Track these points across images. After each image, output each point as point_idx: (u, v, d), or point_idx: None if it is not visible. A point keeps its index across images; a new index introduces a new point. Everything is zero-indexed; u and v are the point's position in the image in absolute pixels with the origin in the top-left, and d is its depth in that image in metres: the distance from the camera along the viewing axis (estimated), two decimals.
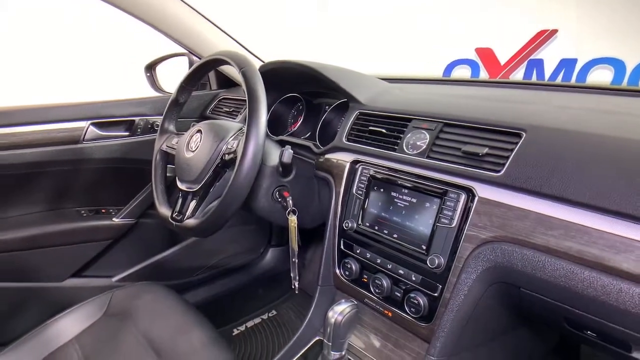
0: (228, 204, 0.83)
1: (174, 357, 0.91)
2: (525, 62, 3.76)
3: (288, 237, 0.97)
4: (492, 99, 0.90)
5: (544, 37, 3.59)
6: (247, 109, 0.83)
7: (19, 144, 1.21)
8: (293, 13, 3.40)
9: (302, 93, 1.23)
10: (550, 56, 3.62)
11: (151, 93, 1.47)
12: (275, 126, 1.25)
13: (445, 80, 1.16)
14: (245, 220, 1.57)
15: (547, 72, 3.68)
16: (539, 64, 3.73)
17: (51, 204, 1.35)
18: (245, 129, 0.82)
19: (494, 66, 3.81)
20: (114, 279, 1.37)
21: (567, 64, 3.66)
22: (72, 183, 1.35)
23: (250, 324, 1.55)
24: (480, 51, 3.78)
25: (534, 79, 3.56)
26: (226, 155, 0.89)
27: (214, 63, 1.00)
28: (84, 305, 1.08)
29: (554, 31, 3.55)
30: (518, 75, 3.76)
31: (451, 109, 0.80)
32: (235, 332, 1.51)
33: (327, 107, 1.15)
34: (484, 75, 3.48)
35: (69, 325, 1.04)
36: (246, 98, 0.83)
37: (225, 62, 0.92)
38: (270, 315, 1.60)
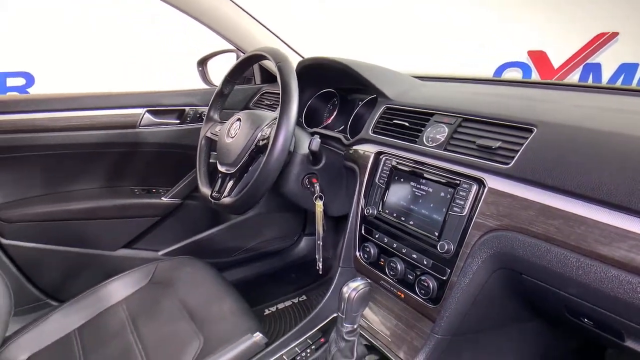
0: (259, 185, 0.92)
1: (207, 321, 1.01)
2: (581, 66, 3.62)
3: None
4: (511, 96, 0.93)
5: (602, 40, 3.45)
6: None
7: (85, 126, 1.37)
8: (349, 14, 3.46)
9: (338, 89, 1.30)
10: (609, 60, 3.47)
11: (201, 85, 1.61)
12: (311, 119, 1.33)
13: (478, 80, 1.19)
14: (281, 208, 1.66)
15: (605, 77, 3.53)
16: (596, 68, 3.58)
17: (109, 181, 1.51)
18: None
19: (547, 69, 3.69)
20: (160, 252, 1.51)
21: (627, 69, 3.49)
22: (127, 164, 1.50)
23: (281, 305, 1.64)
24: (533, 54, 3.68)
25: (589, 83, 3.42)
26: (260, 142, 0.98)
27: (255, 58, 1.09)
28: (132, 273, 1.21)
29: (614, 34, 3.39)
30: (573, 79, 3.62)
31: (471, 105, 0.85)
32: (267, 312, 1.61)
33: (359, 102, 1.21)
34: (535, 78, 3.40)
35: (118, 289, 1.18)
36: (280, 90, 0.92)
37: (264, 57, 1.01)
38: (300, 299, 1.68)
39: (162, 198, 1.52)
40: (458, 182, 0.78)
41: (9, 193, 1.37)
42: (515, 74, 3.67)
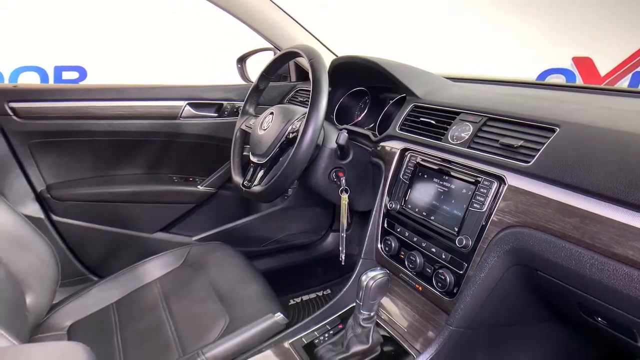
0: (286, 175, 0.97)
1: (233, 303, 1.07)
2: (630, 75, 3.48)
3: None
4: (538, 97, 0.94)
5: None
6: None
7: (131, 115, 1.47)
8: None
9: (370, 87, 1.33)
10: None
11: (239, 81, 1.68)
12: (343, 116, 1.37)
13: (507, 82, 1.19)
14: (311, 203, 1.71)
15: None
16: None
17: (150, 168, 1.61)
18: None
19: (593, 77, 3.56)
20: (193, 238, 1.59)
21: None
22: (167, 152, 1.59)
23: (305, 297, 1.69)
24: (578, 60, 3.56)
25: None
26: (290, 134, 1.03)
27: (290, 55, 1.14)
28: (167, 255, 1.29)
29: None
30: None
31: (496, 105, 0.86)
32: (291, 302, 1.66)
33: (390, 101, 1.24)
34: None
35: (154, 269, 1.26)
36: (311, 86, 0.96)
37: (298, 55, 1.06)
38: (324, 293, 1.72)
39: (198, 186, 1.60)
40: (479, 179, 0.79)
41: (62, 174, 1.49)
42: (558, 81, 3.57)
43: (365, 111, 1.33)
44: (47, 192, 1.46)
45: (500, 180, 0.76)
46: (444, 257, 0.84)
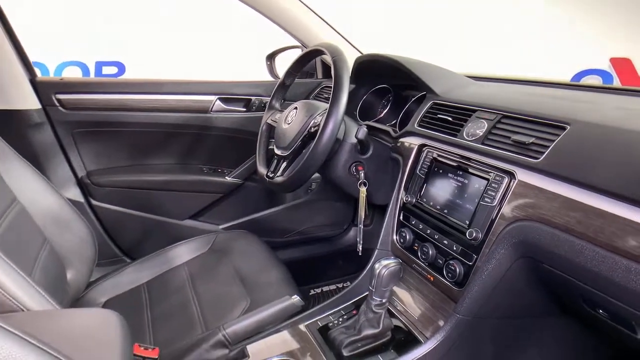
0: (307, 167, 1.02)
1: (254, 286, 1.13)
2: None
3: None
4: (553, 96, 0.95)
5: None
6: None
7: (165, 108, 1.56)
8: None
9: (393, 85, 1.37)
10: None
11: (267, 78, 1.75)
12: (366, 112, 1.41)
13: (528, 81, 1.20)
14: (334, 197, 1.76)
15: None
16: None
17: (181, 158, 1.70)
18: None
19: (632, 78, 3.44)
20: (220, 226, 1.67)
21: None
22: (198, 144, 1.68)
23: (326, 288, 1.74)
24: (616, 61, 3.45)
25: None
26: (312, 128, 1.08)
27: (315, 53, 1.19)
28: (195, 240, 1.37)
29: None
30: None
31: (511, 103, 0.88)
32: (312, 292, 1.72)
33: (411, 98, 1.27)
34: None
35: (182, 253, 1.34)
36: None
37: (322, 52, 1.11)
38: (344, 285, 1.77)
39: (226, 177, 1.68)
40: (491, 174, 0.82)
41: (101, 161, 1.60)
42: (591, 82, 3.47)
43: (388, 108, 1.37)
44: (87, 178, 1.56)
45: (511, 175, 0.78)
46: (454, 248, 0.87)
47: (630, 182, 0.60)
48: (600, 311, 0.68)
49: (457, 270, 0.85)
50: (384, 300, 0.89)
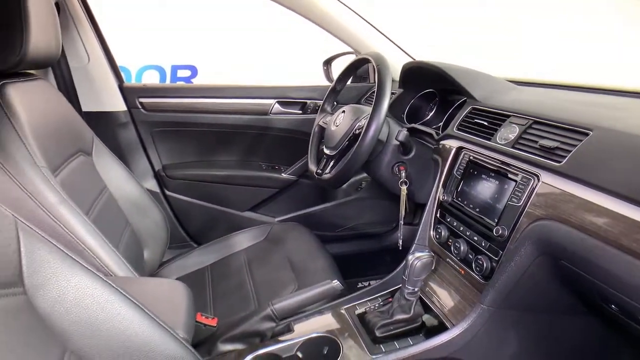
0: (350, 166, 1.13)
1: (303, 272, 1.26)
2: None
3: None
4: (583, 102, 0.98)
5: None
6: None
7: (229, 111, 1.74)
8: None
9: (439, 89, 1.43)
10: None
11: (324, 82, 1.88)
12: (414, 115, 1.48)
13: (570, 87, 1.22)
14: (382, 196, 1.84)
15: None
16: None
17: (243, 155, 1.87)
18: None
19: None
20: (276, 218, 1.82)
21: None
22: (257, 143, 1.84)
23: (373, 282, 1.82)
24: None
25: None
26: (357, 130, 1.18)
27: (362, 61, 1.29)
28: (253, 230, 1.52)
29: None
30: None
31: (543, 109, 0.93)
32: (359, 285, 1.81)
33: (456, 103, 1.33)
34: None
35: (241, 241, 1.50)
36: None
37: (368, 61, 1.21)
38: None
39: (282, 174, 1.83)
40: (519, 176, 0.88)
41: (173, 156, 1.80)
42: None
43: (434, 111, 1.44)
44: (163, 171, 1.77)
45: (536, 177, 0.84)
46: (483, 244, 0.94)
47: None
48: (613, 306, 0.73)
49: (485, 265, 0.92)
50: (415, 289, 0.97)
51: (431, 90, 1.45)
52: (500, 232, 0.88)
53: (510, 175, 0.91)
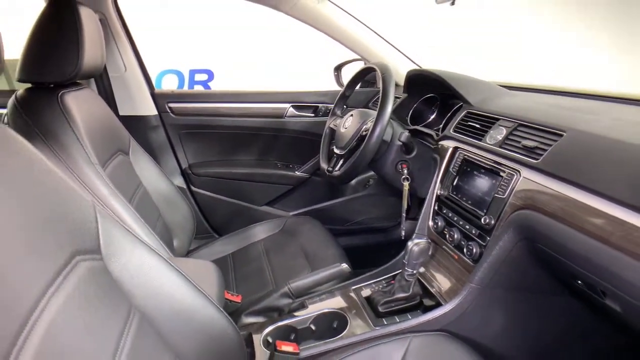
0: (357, 164, 1.27)
1: (315, 259, 1.40)
2: None
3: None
4: (564, 107, 1.09)
5: None
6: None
7: (247, 114, 1.91)
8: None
9: (441, 94, 1.56)
10: None
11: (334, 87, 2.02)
12: (418, 118, 1.62)
13: (559, 92, 1.35)
14: (389, 192, 1.97)
15: None
16: None
17: (260, 155, 2.03)
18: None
19: None
20: (290, 213, 1.97)
21: None
22: (273, 143, 2.00)
23: None
24: None
25: None
26: (363, 132, 1.32)
27: (368, 70, 1.44)
28: (269, 223, 1.67)
29: None
30: None
31: (528, 112, 1.06)
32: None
33: (455, 107, 1.46)
34: None
35: (259, 232, 1.65)
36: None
37: (374, 70, 1.35)
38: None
39: (296, 172, 1.98)
40: (505, 172, 1.01)
41: (199, 156, 1.97)
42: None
43: (435, 114, 1.57)
44: (189, 169, 1.94)
45: (518, 173, 0.97)
46: (473, 232, 1.07)
47: (607, 182, 0.76)
48: (579, 282, 0.86)
49: (474, 250, 1.05)
50: (414, 271, 1.11)
51: (433, 94, 1.58)
52: (487, 220, 1.02)
53: (497, 172, 1.04)
